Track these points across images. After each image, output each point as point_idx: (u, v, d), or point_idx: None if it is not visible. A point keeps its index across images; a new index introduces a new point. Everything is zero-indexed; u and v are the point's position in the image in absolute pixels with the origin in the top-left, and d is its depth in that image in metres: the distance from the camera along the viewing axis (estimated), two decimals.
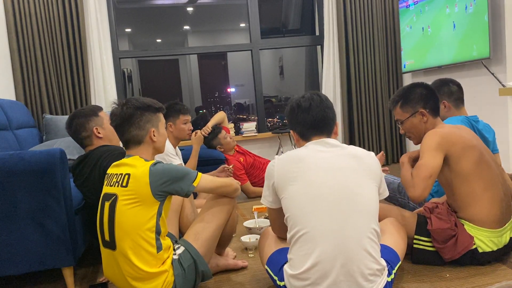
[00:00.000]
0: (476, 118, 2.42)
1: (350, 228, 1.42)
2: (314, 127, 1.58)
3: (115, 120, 1.69)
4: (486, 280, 1.73)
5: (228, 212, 1.85)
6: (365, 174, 1.50)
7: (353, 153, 1.53)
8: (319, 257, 1.41)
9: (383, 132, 4.62)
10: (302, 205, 1.46)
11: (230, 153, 3.65)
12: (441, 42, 3.83)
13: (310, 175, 1.47)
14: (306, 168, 1.49)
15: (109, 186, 1.67)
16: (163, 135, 1.77)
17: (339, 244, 1.40)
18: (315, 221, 1.43)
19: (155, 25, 7.92)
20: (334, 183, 1.46)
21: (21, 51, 3.69)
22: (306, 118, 1.58)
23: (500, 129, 3.35)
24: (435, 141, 1.84)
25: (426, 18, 4.01)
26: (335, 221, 1.42)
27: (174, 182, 1.61)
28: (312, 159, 1.50)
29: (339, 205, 1.44)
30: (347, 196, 1.45)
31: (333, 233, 1.41)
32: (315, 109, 1.57)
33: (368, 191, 1.48)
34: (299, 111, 1.59)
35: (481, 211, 1.81)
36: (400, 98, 2.04)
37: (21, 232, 1.85)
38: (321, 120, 1.57)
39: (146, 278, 1.58)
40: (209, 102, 9.25)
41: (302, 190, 1.47)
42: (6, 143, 2.74)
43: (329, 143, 1.55)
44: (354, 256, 1.40)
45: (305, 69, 6.64)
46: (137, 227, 1.56)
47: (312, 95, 1.60)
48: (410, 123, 2.02)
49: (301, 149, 1.57)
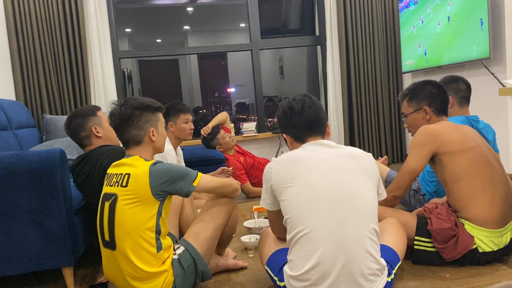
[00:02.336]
0: (476, 118, 2.42)
1: (350, 228, 1.42)
2: (308, 128, 1.58)
3: (114, 120, 1.69)
4: (486, 280, 1.72)
5: (228, 212, 1.84)
6: (363, 175, 1.50)
7: (351, 154, 1.53)
8: (319, 258, 1.40)
9: (383, 132, 4.62)
10: (300, 206, 1.46)
11: (230, 153, 3.65)
12: (441, 42, 3.83)
13: (308, 177, 1.47)
14: (304, 169, 1.48)
15: (109, 186, 1.66)
16: (162, 135, 1.76)
17: (339, 244, 1.40)
18: (314, 222, 1.43)
19: (155, 25, 7.92)
20: (332, 183, 1.46)
21: (21, 51, 3.69)
22: (300, 120, 1.57)
23: (500, 129, 3.35)
24: (420, 138, 1.90)
25: (426, 18, 4.00)
26: (335, 222, 1.42)
27: (174, 182, 1.61)
28: (310, 161, 1.50)
29: (337, 206, 1.44)
30: (345, 197, 1.45)
31: (333, 234, 1.41)
32: (307, 110, 1.57)
33: (366, 191, 1.48)
34: (292, 114, 1.58)
35: (481, 211, 1.80)
36: (409, 92, 2.08)
37: (21, 232, 1.85)
38: (315, 121, 1.57)
39: (146, 278, 1.58)
40: (209, 102, 9.25)
41: (300, 192, 1.46)
42: (6, 143, 2.74)
43: (326, 144, 1.55)
44: (354, 256, 1.40)
45: (305, 69, 6.64)
46: (137, 227, 1.56)
47: (303, 97, 1.60)
48: (412, 118, 2.07)
49: (298, 150, 1.57)
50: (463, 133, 1.88)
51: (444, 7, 3.75)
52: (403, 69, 4.47)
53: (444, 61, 3.81)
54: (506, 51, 3.26)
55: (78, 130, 2.16)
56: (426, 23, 4.02)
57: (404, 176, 1.94)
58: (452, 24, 3.67)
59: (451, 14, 3.68)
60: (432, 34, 3.94)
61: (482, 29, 3.33)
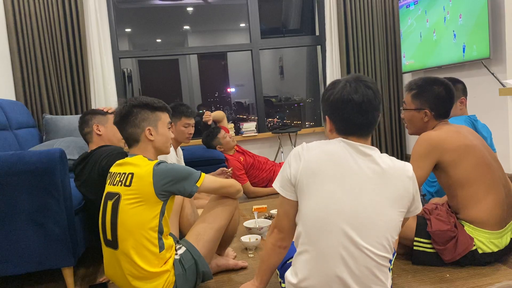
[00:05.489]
0: (475, 117, 2.42)
1: (361, 254, 1.30)
2: (357, 129, 1.37)
3: (115, 118, 1.73)
4: (487, 281, 1.72)
5: (230, 213, 1.84)
6: (389, 199, 1.33)
7: (383, 171, 1.33)
8: (321, 277, 1.32)
9: (383, 132, 4.62)
10: (313, 222, 1.33)
11: (230, 152, 3.65)
12: (441, 42, 3.83)
13: (329, 187, 1.32)
14: (328, 174, 1.33)
15: (112, 185, 1.66)
16: (162, 135, 1.74)
17: (346, 266, 1.30)
18: (322, 238, 1.32)
19: (155, 25, 7.91)
20: (351, 204, 1.31)
21: (21, 51, 3.69)
22: (353, 118, 1.35)
23: (500, 129, 3.35)
24: (424, 148, 1.83)
25: (426, 18, 4.00)
26: (345, 244, 1.30)
27: (177, 182, 1.61)
28: (338, 167, 1.33)
29: (350, 229, 1.30)
30: (361, 221, 1.30)
31: (342, 258, 1.30)
32: (366, 108, 1.35)
33: (388, 218, 1.33)
34: (348, 107, 1.35)
35: (482, 213, 1.80)
36: (416, 88, 1.96)
37: (21, 232, 1.85)
38: (368, 124, 1.37)
39: (148, 277, 1.58)
40: (209, 102, 9.24)
41: (317, 201, 1.33)
42: (6, 143, 2.74)
43: (364, 153, 1.36)
44: (362, 281, 1.32)
45: (305, 69, 6.64)
46: (140, 226, 1.56)
47: (366, 90, 1.35)
48: (412, 115, 1.99)
49: (336, 146, 1.37)
50: (464, 138, 1.85)
51: (444, 7, 3.75)
52: (403, 69, 4.47)
53: (444, 61, 3.81)
54: (506, 51, 3.26)
55: (84, 125, 2.25)
56: (426, 23, 4.01)
57: None
58: (452, 24, 3.67)
59: (451, 14, 3.68)
60: (432, 34, 3.94)
61: (482, 29, 3.33)
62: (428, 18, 3.97)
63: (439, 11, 3.82)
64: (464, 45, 3.55)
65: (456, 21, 3.62)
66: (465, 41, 3.54)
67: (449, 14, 3.71)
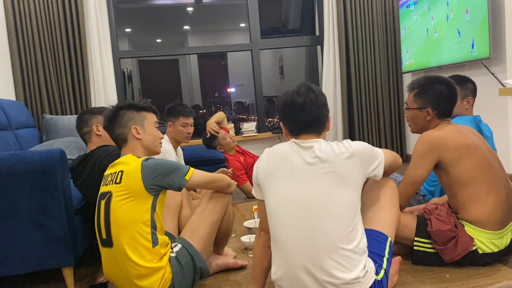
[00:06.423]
0: (479, 118, 2.42)
1: (319, 238, 1.41)
2: (306, 127, 1.52)
3: (104, 121, 1.77)
4: (487, 281, 1.72)
5: (223, 207, 1.86)
6: (335, 182, 1.43)
7: (320, 160, 1.44)
8: (287, 267, 1.44)
9: (383, 132, 4.62)
10: (273, 212, 1.49)
11: (231, 153, 3.65)
12: (441, 42, 3.83)
13: (282, 182, 1.48)
14: (279, 172, 1.49)
15: (104, 185, 1.69)
16: (149, 134, 1.77)
17: (307, 254, 1.41)
18: (283, 231, 1.46)
19: (155, 25, 7.92)
20: (303, 196, 1.44)
21: (21, 51, 3.69)
22: (299, 117, 1.51)
23: (500, 129, 3.35)
24: (424, 147, 1.84)
25: (426, 18, 4.00)
26: (304, 232, 1.43)
27: (166, 175, 1.63)
28: (289, 165, 1.48)
29: (307, 215, 1.43)
30: (314, 209, 1.42)
31: (302, 244, 1.42)
32: (309, 107, 1.50)
33: (338, 200, 1.43)
34: (292, 108, 1.51)
35: (483, 213, 1.79)
36: (418, 87, 1.96)
37: (21, 232, 1.85)
38: (314, 121, 1.51)
39: (144, 274, 1.59)
40: (209, 102, 9.25)
41: (274, 197, 1.49)
42: (6, 143, 2.74)
43: (306, 147, 1.48)
44: (324, 267, 1.39)
45: (305, 69, 6.64)
46: (132, 221, 1.58)
47: (307, 91, 1.51)
48: (414, 114, 1.99)
49: (285, 146, 1.53)
50: (466, 137, 1.84)
51: (444, 6, 3.75)
52: (403, 69, 4.47)
53: (444, 61, 3.81)
54: (506, 51, 3.26)
55: (82, 125, 2.24)
56: (426, 23, 4.01)
57: (407, 187, 1.88)
58: (452, 24, 3.67)
59: (451, 14, 3.67)
60: (432, 34, 3.94)
61: (482, 29, 3.33)
62: (429, 17, 3.97)
63: (439, 10, 3.81)
64: (473, 41, 3.46)
65: (456, 20, 3.61)
66: (465, 41, 3.53)
67: (449, 14, 3.70)
